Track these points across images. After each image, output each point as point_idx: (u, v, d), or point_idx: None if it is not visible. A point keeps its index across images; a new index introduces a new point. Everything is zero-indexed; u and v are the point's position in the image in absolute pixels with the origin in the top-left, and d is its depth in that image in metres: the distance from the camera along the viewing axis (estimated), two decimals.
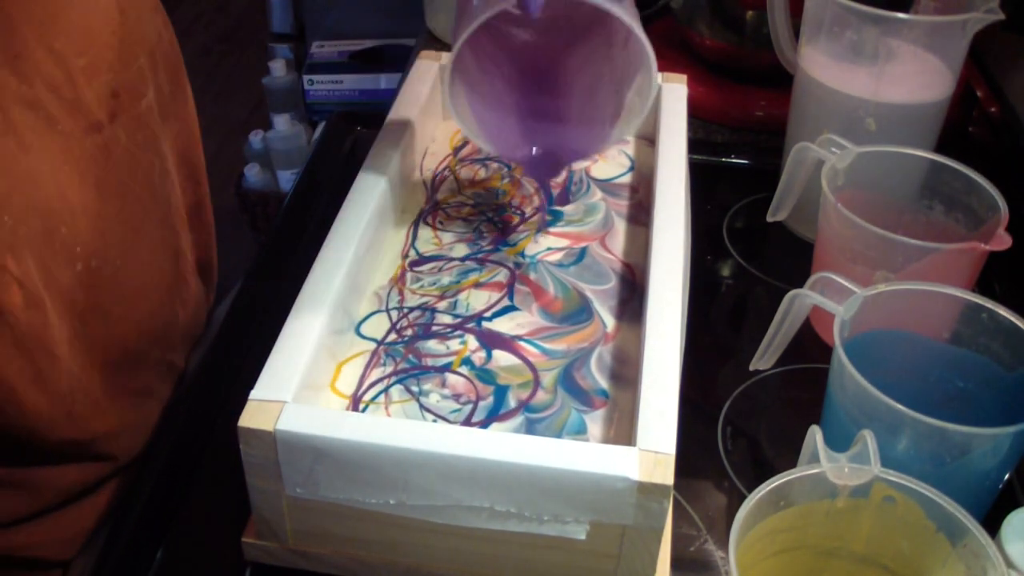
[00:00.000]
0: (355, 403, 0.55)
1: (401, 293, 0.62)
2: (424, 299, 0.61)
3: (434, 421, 0.54)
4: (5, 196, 0.52)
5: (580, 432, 0.54)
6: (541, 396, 0.55)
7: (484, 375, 0.57)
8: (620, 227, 0.68)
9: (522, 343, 0.59)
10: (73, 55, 0.56)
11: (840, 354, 0.53)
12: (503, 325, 0.60)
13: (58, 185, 0.55)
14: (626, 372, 0.57)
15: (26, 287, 0.53)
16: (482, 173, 0.72)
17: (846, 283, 0.58)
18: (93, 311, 0.59)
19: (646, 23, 1.11)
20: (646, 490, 0.46)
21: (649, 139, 0.75)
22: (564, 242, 0.66)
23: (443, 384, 0.56)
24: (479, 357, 0.58)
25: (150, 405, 0.68)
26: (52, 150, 0.55)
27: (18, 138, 0.53)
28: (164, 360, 0.69)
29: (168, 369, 0.70)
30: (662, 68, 0.77)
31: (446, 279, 0.63)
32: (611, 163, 0.73)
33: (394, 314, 0.60)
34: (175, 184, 0.70)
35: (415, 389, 0.56)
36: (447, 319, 0.60)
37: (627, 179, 0.72)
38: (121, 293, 0.62)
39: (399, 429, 0.48)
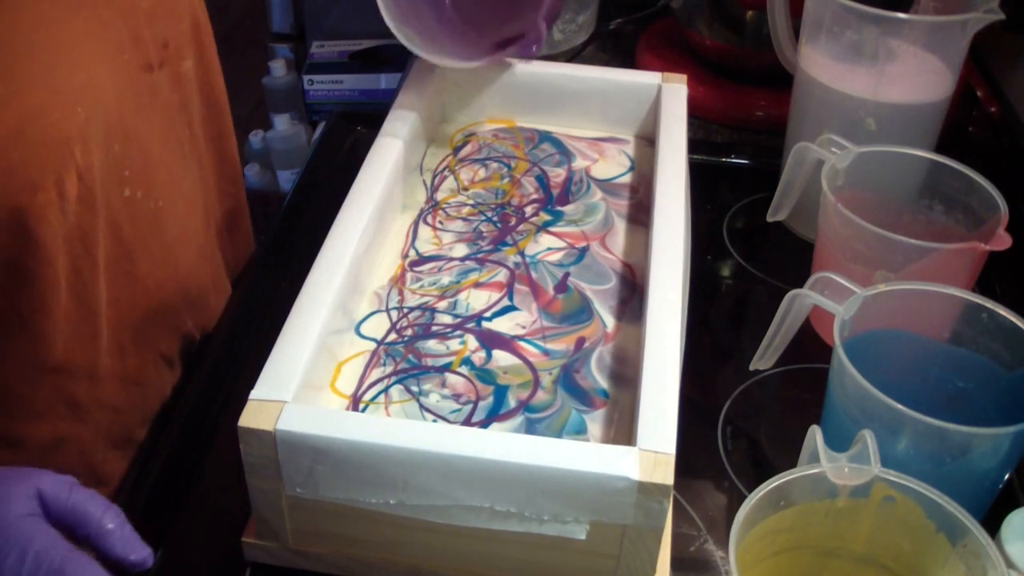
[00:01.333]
0: (355, 403, 0.55)
1: (401, 293, 0.62)
2: (424, 299, 0.61)
3: (434, 421, 0.54)
4: (81, 89, 0.54)
5: (580, 432, 0.54)
6: (541, 396, 0.55)
7: (484, 375, 0.57)
8: (620, 227, 0.68)
9: (522, 343, 0.59)
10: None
11: (840, 354, 0.53)
12: (503, 325, 0.60)
13: (119, 102, 0.58)
14: (626, 372, 0.57)
15: (84, 182, 0.55)
16: (482, 173, 0.72)
17: (846, 283, 0.58)
18: (137, 244, 0.61)
19: (646, 23, 1.12)
20: (646, 490, 0.46)
21: (649, 139, 0.75)
22: (564, 242, 0.66)
23: (443, 384, 0.56)
24: (479, 357, 0.58)
25: (162, 380, 0.69)
26: (115, 69, 0.58)
27: (94, 46, 0.56)
28: (187, 334, 0.70)
29: (186, 346, 0.71)
30: (662, 68, 0.77)
31: (446, 279, 0.63)
32: (611, 163, 0.73)
33: (394, 314, 0.60)
34: (205, 166, 0.72)
35: (415, 389, 0.56)
36: (447, 319, 0.60)
37: (627, 179, 0.72)
38: (162, 235, 0.64)
39: (399, 429, 0.48)
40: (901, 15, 0.71)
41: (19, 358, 0.57)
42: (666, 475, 0.46)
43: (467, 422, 0.54)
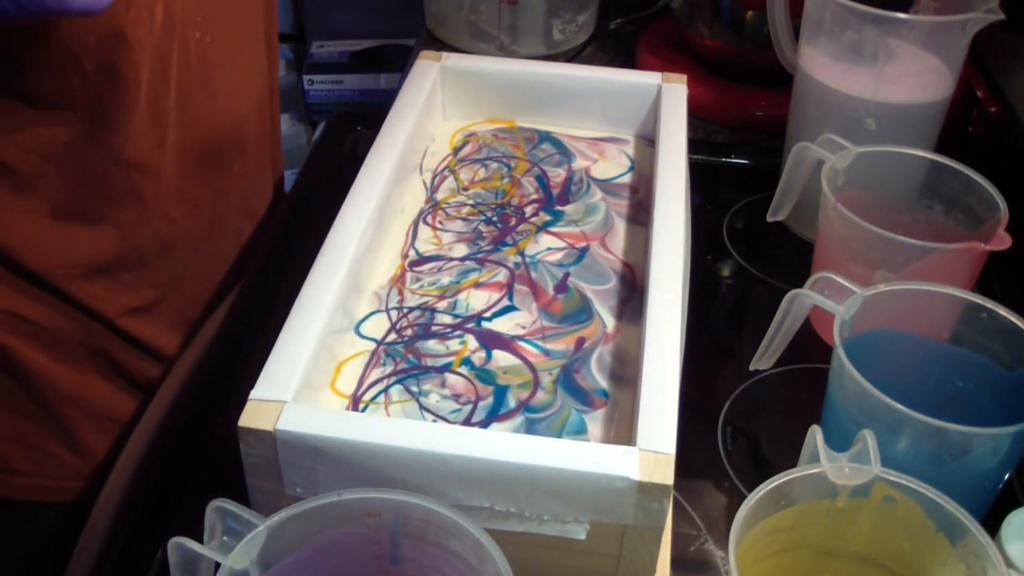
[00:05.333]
0: (355, 403, 0.55)
1: (401, 293, 0.62)
2: (424, 299, 0.61)
3: (434, 421, 0.54)
4: None
5: (580, 432, 0.54)
6: (541, 396, 0.55)
7: (484, 375, 0.57)
8: (620, 227, 0.68)
9: (522, 343, 0.59)
10: None
11: (840, 354, 0.54)
12: (503, 325, 0.60)
13: None
14: (626, 372, 0.57)
15: (168, 11, 0.68)
16: (482, 173, 0.72)
17: (846, 283, 0.58)
18: (202, 80, 0.74)
19: (646, 23, 1.12)
20: (646, 490, 0.46)
21: (649, 139, 0.75)
22: (564, 242, 0.66)
23: (443, 384, 0.56)
24: (479, 357, 0.58)
25: (215, 214, 0.80)
26: None
27: None
28: (235, 177, 0.82)
29: (232, 187, 0.82)
30: (662, 68, 0.77)
31: (446, 279, 0.63)
32: (611, 163, 0.73)
33: (394, 314, 0.60)
34: (264, 40, 0.85)
35: (415, 389, 0.56)
36: (447, 319, 0.60)
37: (627, 179, 0.72)
38: (224, 78, 0.77)
39: (399, 429, 0.48)
40: (901, 15, 0.71)
41: (101, 147, 0.68)
42: (666, 475, 0.46)
43: (467, 422, 0.54)
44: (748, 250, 0.81)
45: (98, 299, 0.73)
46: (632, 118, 0.75)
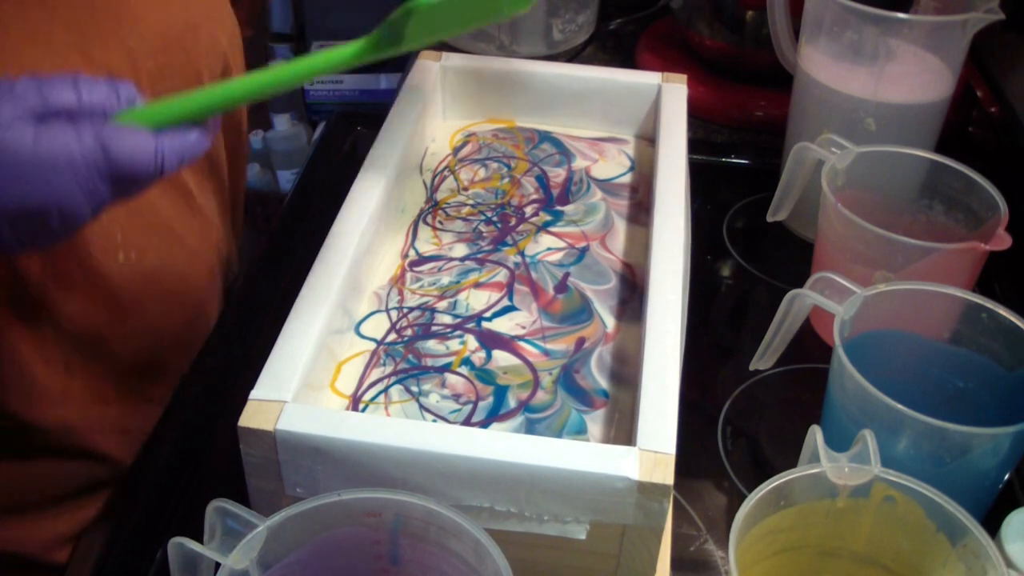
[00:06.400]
0: (355, 403, 0.55)
1: (401, 293, 0.62)
2: (424, 299, 0.61)
3: (434, 421, 0.54)
4: None
5: (580, 432, 0.54)
6: (541, 396, 0.55)
7: (484, 375, 0.57)
8: (620, 227, 0.68)
9: (522, 343, 0.59)
10: (144, 56, 0.60)
11: (840, 354, 0.54)
12: (503, 325, 0.60)
13: None
14: (626, 372, 0.57)
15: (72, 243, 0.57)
16: (482, 173, 0.72)
17: (846, 283, 0.58)
18: (132, 305, 0.63)
19: (646, 23, 1.12)
20: (646, 490, 0.46)
21: (649, 139, 0.75)
22: (564, 242, 0.66)
23: (443, 384, 0.56)
24: (479, 357, 0.58)
25: (153, 408, 0.68)
26: None
27: None
28: (181, 370, 0.69)
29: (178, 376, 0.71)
30: (662, 68, 0.77)
31: (446, 279, 0.63)
32: (611, 163, 0.73)
33: (394, 314, 0.60)
34: (225, 176, 0.74)
35: (415, 389, 0.56)
36: (447, 319, 0.60)
37: (627, 179, 0.72)
38: (159, 290, 0.65)
39: (399, 429, 0.48)
40: (901, 15, 0.71)
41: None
42: (666, 475, 0.46)
43: (467, 422, 0.54)
44: (748, 250, 0.81)
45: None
46: (632, 118, 0.75)
